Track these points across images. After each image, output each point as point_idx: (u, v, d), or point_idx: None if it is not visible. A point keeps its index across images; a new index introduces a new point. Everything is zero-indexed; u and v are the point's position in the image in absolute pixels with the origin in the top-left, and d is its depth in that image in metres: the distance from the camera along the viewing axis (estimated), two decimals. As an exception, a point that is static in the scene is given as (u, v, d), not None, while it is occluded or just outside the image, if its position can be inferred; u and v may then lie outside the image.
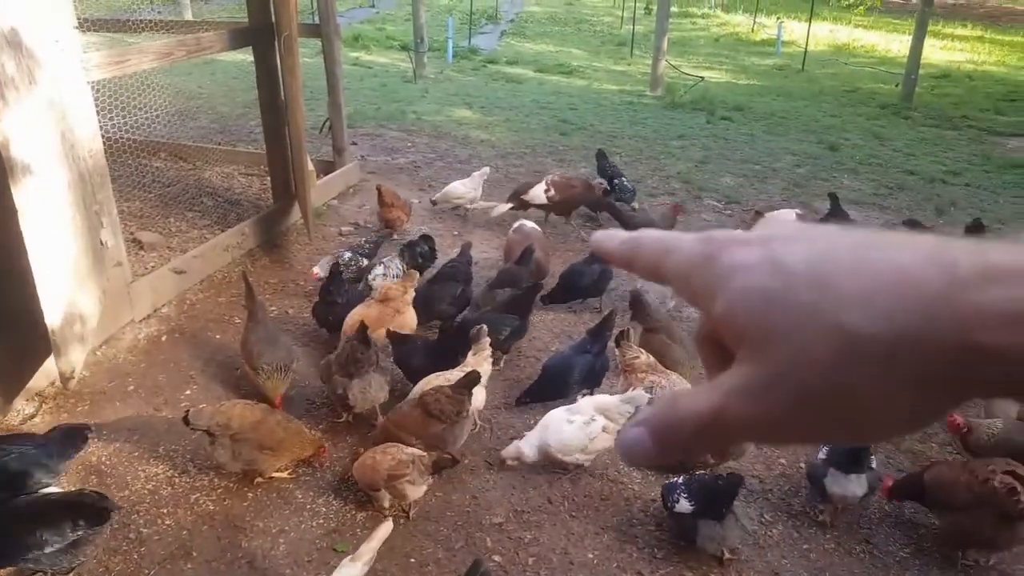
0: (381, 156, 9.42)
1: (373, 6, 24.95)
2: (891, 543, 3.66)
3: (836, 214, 6.89)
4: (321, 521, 3.57)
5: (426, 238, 6.02)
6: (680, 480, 3.50)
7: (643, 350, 4.34)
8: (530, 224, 6.26)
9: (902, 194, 8.84)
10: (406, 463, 3.45)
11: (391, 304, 4.66)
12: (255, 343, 4.27)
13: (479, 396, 4.07)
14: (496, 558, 3.42)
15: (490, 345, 4.22)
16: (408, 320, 4.74)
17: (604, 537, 3.58)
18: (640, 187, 8.19)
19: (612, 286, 5.83)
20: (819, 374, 0.43)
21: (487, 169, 7.87)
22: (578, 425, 3.72)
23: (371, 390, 4.03)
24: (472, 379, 3.80)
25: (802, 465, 4.03)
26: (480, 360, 4.11)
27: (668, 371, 4.20)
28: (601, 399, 3.91)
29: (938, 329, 0.40)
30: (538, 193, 6.97)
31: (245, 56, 7.34)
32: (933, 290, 0.41)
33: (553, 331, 5.46)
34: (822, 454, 3.61)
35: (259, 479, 3.73)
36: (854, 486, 3.51)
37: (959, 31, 23.96)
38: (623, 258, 0.56)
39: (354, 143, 9.62)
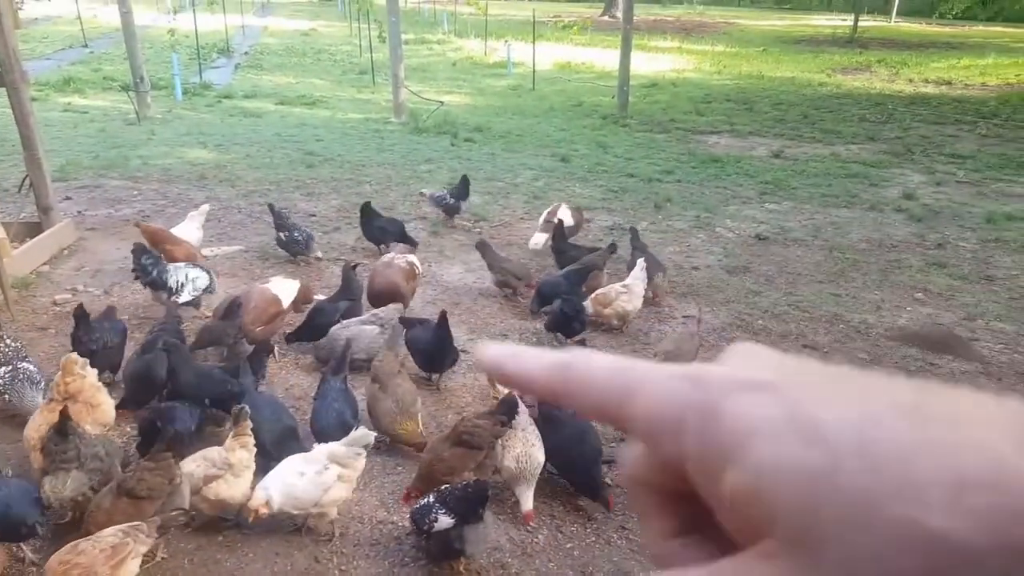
0: (102, 209, 8.55)
1: (86, 46, 22.66)
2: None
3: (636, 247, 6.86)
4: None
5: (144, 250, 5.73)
6: (431, 500, 3.52)
7: None
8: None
9: (626, 195, 9.77)
10: (122, 545, 3.10)
11: (80, 397, 4.04)
12: None
13: (242, 486, 3.69)
14: (262, 633, 3.21)
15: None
16: (105, 413, 4.17)
17: (377, 583, 3.50)
18: (392, 213, 8.22)
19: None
20: None
21: (206, 207, 7.43)
22: (310, 477, 3.54)
23: (65, 490, 3.48)
24: (171, 439, 3.61)
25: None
26: (237, 445, 3.75)
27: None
28: (332, 447, 3.73)
29: None
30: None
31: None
32: None
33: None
34: None
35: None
36: None
37: (661, 43, 27.09)
38: (548, 391, 0.42)
39: (68, 198, 8.66)
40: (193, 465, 3.65)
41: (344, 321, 5.46)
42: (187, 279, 5.71)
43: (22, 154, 7.18)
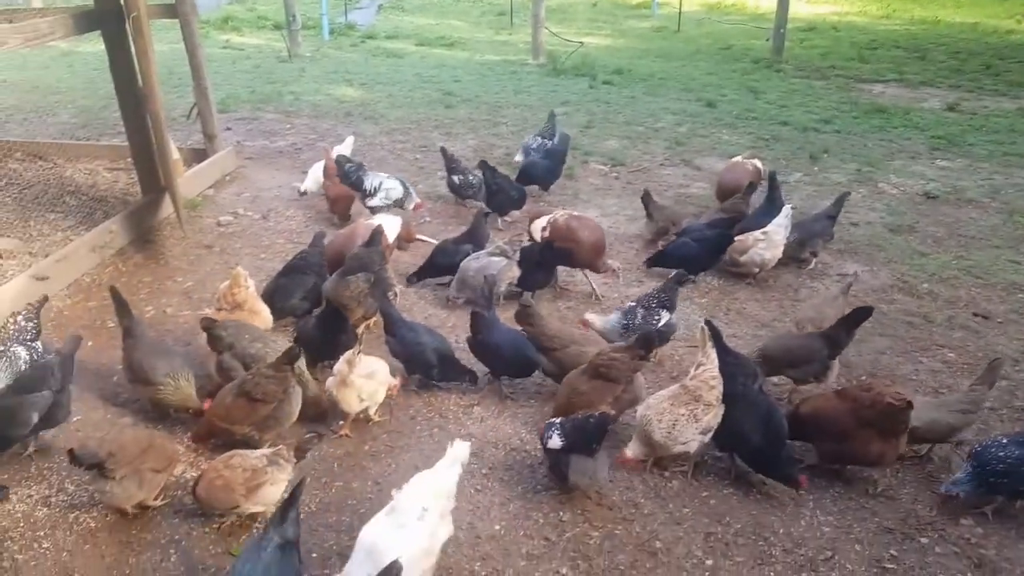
0: (259, 140, 9.00)
1: (243, -16, 23.78)
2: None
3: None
4: (215, 525, 3.39)
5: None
6: (557, 420, 3.57)
7: None
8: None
9: (777, 144, 9.19)
10: (262, 470, 3.28)
11: (245, 307, 4.38)
12: (144, 359, 3.95)
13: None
14: (402, 542, 3.32)
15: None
16: (265, 320, 4.50)
17: (510, 507, 3.55)
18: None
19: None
20: None
21: (351, 139, 7.62)
22: (411, 529, 2.79)
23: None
24: (292, 355, 3.69)
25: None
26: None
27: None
28: (424, 479, 2.97)
29: None
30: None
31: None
32: None
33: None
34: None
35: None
36: None
37: (822, -14, 25.07)
38: None
39: (228, 128, 9.18)
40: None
41: (474, 253, 5.50)
42: (380, 187, 6.42)
43: (189, 86, 7.62)
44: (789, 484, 3.66)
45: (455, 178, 7.03)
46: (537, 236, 5.69)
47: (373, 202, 6.42)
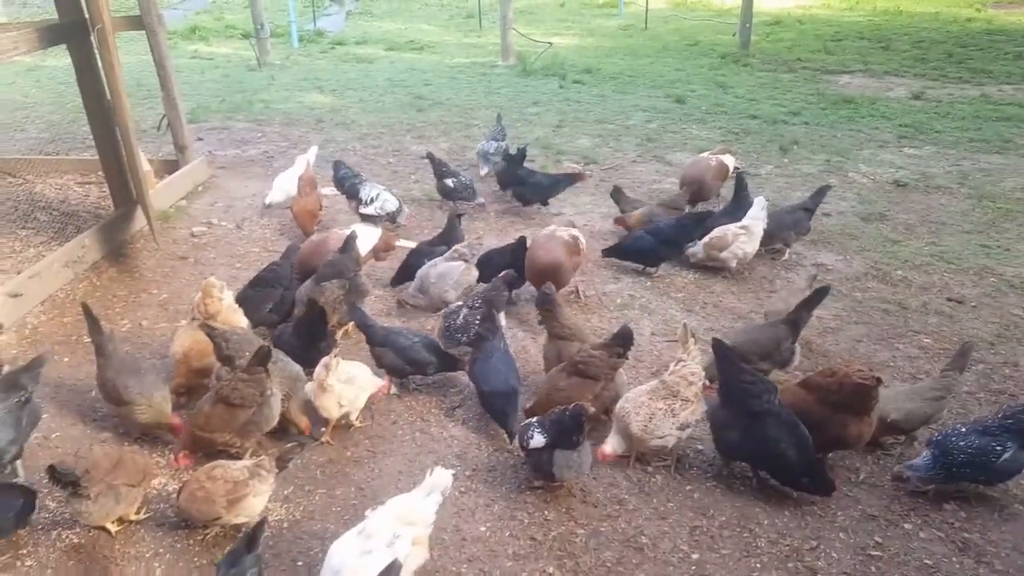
0: (230, 149, 8.93)
1: (210, -6, 23.55)
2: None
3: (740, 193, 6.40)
4: (199, 537, 3.37)
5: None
6: (534, 420, 3.60)
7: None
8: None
9: (748, 138, 9.29)
10: (243, 482, 3.25)
11: (219, 318, 4.33)
12: (116, 377, 3.86)
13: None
14: (388, 547, 3.32)
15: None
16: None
17: (495, 508, 3.57)
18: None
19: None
20: None
21: (315, 148, 7.57)
22: (378, 556, 2.75)
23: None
24: (262, 355, 3.63)
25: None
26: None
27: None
28: (399, 504, 2.96)
29: None
30: None
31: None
32: None
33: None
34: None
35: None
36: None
37: (786, -20, 25.35)
38: None
39: (199, 139, 9.09)
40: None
41: (431, 260, 5.41)
42: (377, 197, 6.50)
43: (159, 97, 7.54)
44: (824, 493, 3.62)
45: (448, 181, 6.95)
46: None
47: (367, 210, 6.45)
